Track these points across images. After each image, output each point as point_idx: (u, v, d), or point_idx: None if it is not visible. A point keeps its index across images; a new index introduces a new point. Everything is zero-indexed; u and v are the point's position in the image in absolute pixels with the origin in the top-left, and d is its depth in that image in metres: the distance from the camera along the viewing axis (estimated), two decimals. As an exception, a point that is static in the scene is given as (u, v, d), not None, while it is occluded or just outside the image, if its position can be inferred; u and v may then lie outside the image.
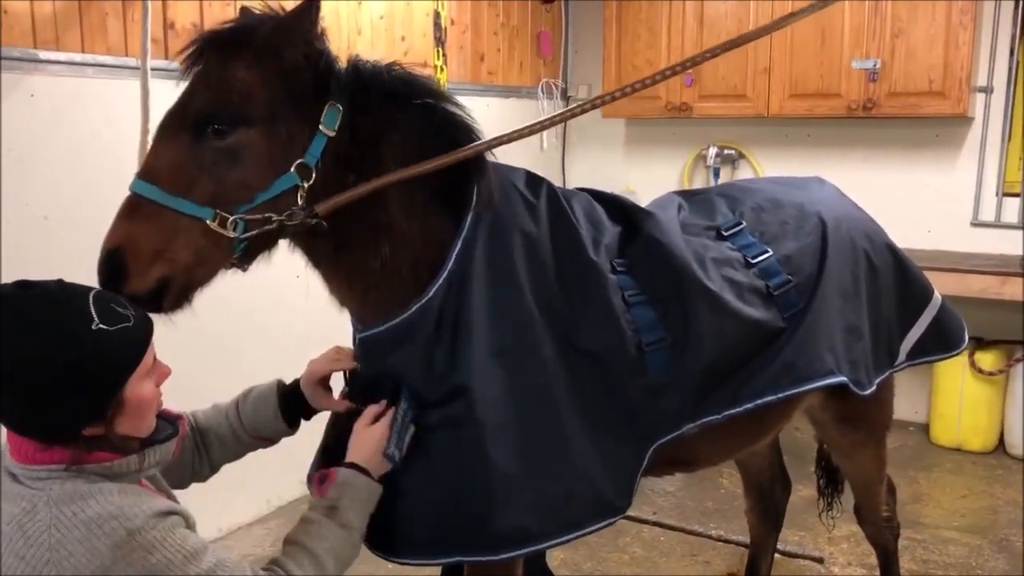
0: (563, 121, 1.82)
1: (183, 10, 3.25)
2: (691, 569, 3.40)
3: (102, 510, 1.40)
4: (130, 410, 1.49)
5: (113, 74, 3.04)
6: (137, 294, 1.55)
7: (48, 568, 1.37)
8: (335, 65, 1.71)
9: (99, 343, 1.42)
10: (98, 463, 1.46)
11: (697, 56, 1.79)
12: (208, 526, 3.56)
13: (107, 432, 1.47)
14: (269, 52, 1.61)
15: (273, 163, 1.62)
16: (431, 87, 1.82)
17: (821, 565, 3.40)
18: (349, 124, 1.68)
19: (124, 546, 1.39)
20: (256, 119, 1.61)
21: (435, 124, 1.78)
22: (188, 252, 1.57)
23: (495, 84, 5.04)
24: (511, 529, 1.74)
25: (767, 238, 2.16)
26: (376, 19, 4.14)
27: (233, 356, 3.58)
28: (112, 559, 1.38)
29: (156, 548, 1.42)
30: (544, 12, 5.43)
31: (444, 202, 1.80)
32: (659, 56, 5.05)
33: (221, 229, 1.57)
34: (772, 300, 2.05)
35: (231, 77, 1.60)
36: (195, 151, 1.58)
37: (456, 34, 4.71)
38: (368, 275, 1.77)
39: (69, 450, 1.44)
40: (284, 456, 3.83)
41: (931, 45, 4.40)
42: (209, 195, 1.58)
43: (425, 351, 1.76)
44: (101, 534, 1.39)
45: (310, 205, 1.65)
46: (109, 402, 1.45)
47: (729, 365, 1.98)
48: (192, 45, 1.64)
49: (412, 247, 1.76)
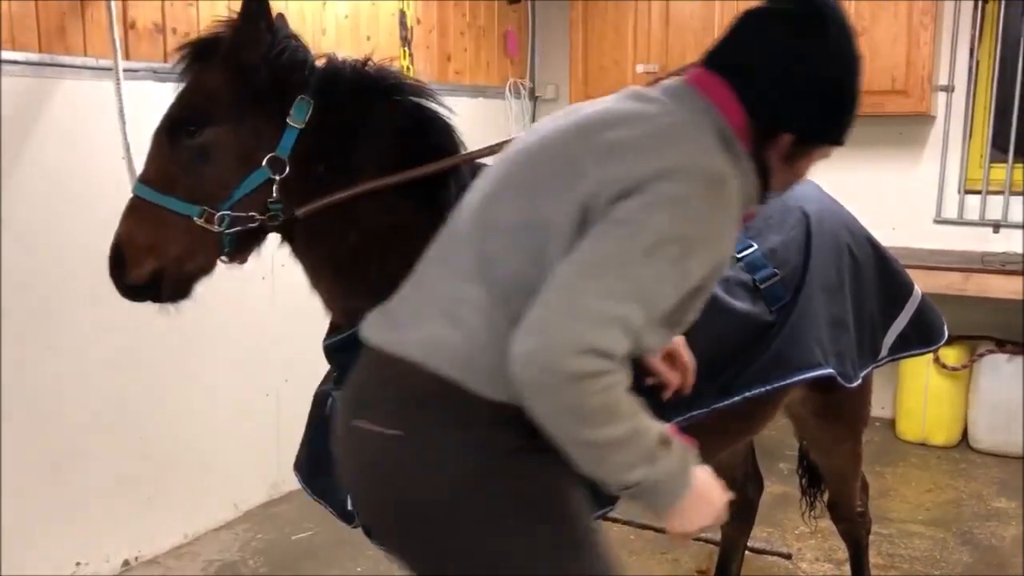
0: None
1: (144, 10, 3.20)
2: (661, 567, 3.40)
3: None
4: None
5: (74, 74, 2.99)
6: (135, 284, 1.72)
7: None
8: (302, 59, 1.76)
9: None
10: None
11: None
12: (173, 531, 3.53)
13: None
14: (231, 55, 1.71)
15: (243, 158, 1.71)
16: (405, 81, 1.85)
17: (789, 561, 3.42)
18: (320, 117, 1.73)
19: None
20: (222, 118, 1.70)
21: (409, 119, 1.80)
22: (177, 245, 1.72)
23: (462, 84, 5.02)
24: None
25: (752, 232, 2.16)
26: (341, 19, 4.11)
27: (204, 355, 3.54)
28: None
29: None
30: (511, 12, 5.42)
31: (418, 200, 1.80)
32: (625, 56, 5.06)
33: (208, 225, 1.69)
34: (759, 293, 2.07)
35: (200, 82, 1.74)
36: (175, 152, 1.71)
37: (422, 34, 4.69)
38: (337, 266, 1.79)
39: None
40: (251, 459, 3.82)
41: (893, 44, 4.45)
42: (191, 192, 1.70)
43: None
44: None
45: (287, 198, 1.72)
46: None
47: (720, 359, 1.99)
48: (179, 58, 1.77)
49: (382, 240, 1.77)
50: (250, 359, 3.77)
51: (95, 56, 3.03)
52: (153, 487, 3.42)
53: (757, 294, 2.06)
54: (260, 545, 3.59)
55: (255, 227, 1.72)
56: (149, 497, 3.41)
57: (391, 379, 1.49)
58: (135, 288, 1.73)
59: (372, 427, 1.47)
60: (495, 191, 1.51)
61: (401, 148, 1.77)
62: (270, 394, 3.87)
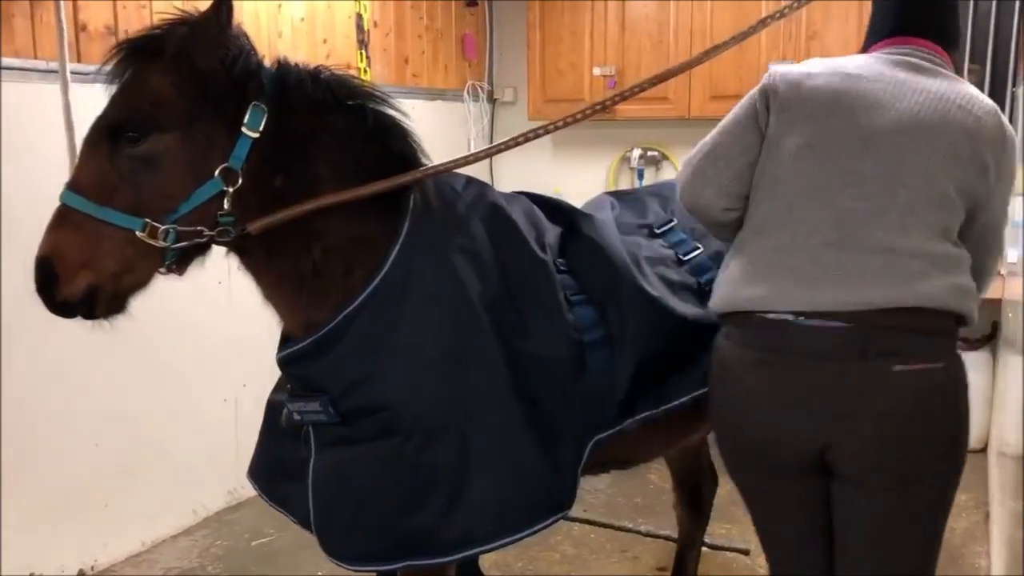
0: (516, 145, 1.83)
1: (96, 11, 3.16)
2: (621, 565, 3.43)
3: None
4: None
5: (22, 77, 2.94)
6: (68, 301, 1.60)
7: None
8: (257, 66, 1.70)
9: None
10: None
11: (664, 73, 1.87)
12: (131, 539, 3.48)
13: None
14: (182, 57, 1.61)
15: (192, 168, 1.62)
16: (362, 88, 1.81)
17: (747, 557, 3.46)
18: (275, 125, 1.67)
19: None
20: (170, 125, 1.61)
21: (367, 127, 1.77)
22: (114, 260, 1.61)
23: (420, 87, 5.02)
24: (458, 532, 1.75)
25: (698, 234, 2.19)
26: (297, 21, 4.09)
27: (161, 361, 3.50)
28: None
29: None
30: (468, 15, 5.43)
31: (380, 208, 1.78)
32: (582, 59, 5.10)
33: (151, 239, 1.59)
34: (704, 296, 2.08)
35: (144, 84, 1.62)
36: (114, 160, 1.60)
37: (379, 36, 4.68)
38: (300, 281, 1.75)
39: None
40: (210, 465, 3.79)
41: (844, 47, 4.53)
42: (132, 203, 1.59)
43: (355, 358, 1.74)
44: None
45: (240, 210, 1.65)
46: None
47: (666, 361, 2.01)
48: (113, 54, 1.64)
49: (345, 252, 1.75)
50: (208, 365, 3.74)
51: (45, 59, 2.98)
52: (109, 494, 3.37)
53: (702, 297, 2.08)
54: (219, 551, 3.55)
55: (203, 242, 1.63)
56: (105, 505, 3.36)
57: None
58: (67, 305, 1.61)
59: (914, 367, 1.63)
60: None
61: (360, 157, 1.74)
62: (228, 399, 3.84)
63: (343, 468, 1.79)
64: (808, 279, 1.67)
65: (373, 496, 1.77)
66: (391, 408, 1.73)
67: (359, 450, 1.77)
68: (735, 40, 1.85)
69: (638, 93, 1.86)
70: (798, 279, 1.68)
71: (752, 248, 1.77)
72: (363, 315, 1.72)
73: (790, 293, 1.68)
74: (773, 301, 1.69)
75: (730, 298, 1.77)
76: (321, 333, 1.73)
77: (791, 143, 1.74)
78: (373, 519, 1.77)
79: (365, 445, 1.76)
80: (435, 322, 1.76)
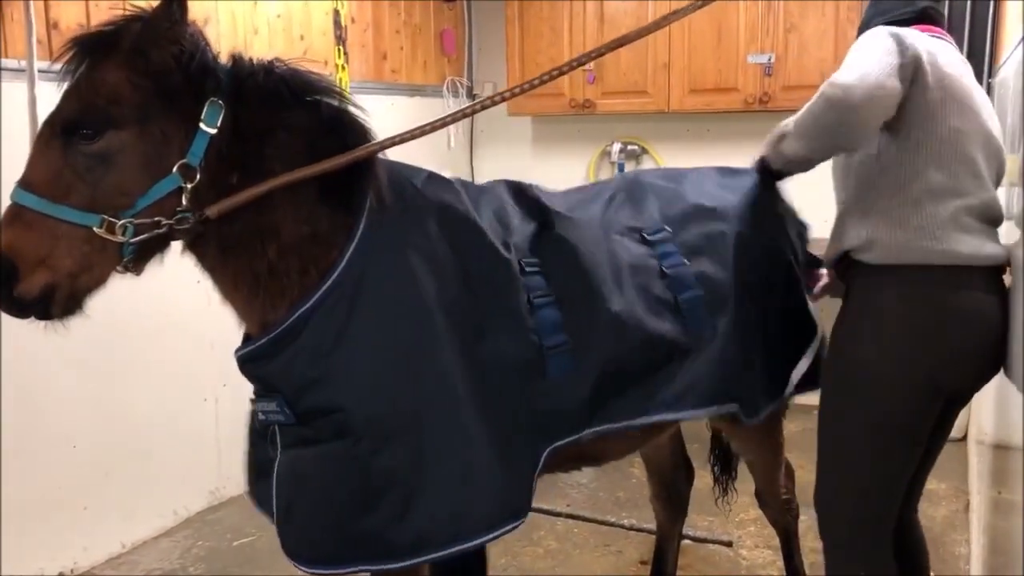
0: (455, 121, 1.81)
1: (67, 10, 3.13)
2: (604, 559, 3.44)
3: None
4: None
5: (-6, 76, 2.91)
6: (23, 301, 1.57)
7: None
8: (213, 61, 1.68)
9: None
10: None
11: (582, 57, 1.84)
12: (110, 540, 3.46)
13: None
14: (137, 53, 1.60)
15: (149, 165, 1.61)
16: (320, 83, 1.79)
17: (730, 548, 3.48)
18: (232, 122, 1.66)
19: None
20: (125, 121, 1.59)
21: (324, 122, 1.75)
22: (71, 259, 1.58)
23: (399, 83, 5.00)
24: (413, 536, 1.73)
25: (688, 250, 2.14)
26: (273, 18, 4.07)
27: (140, 360, 3.48)
28: None
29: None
30: (447, 10, 5.42)
31: (336, 204, 1.76)
32: (561, 54, 5.09)
33: (109, 235, 1.57)
34: (680, 314, 2.06)
35: (98, 80, 1.60)
36: (68, 157, 1.58)
37: (357, 32, 4.66)
38: (255, 279, 1.73)
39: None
40: (190, 465, 3.77)
41: (822, 40, 4.57)
42: (88, 201, 1.57)
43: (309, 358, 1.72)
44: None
45: (198, 207, 1.64)
46: None
47: (630, 375, 1.98)
48: (66, 50, 1.62)
49: (300, 251, 1.73)
50: (187, 364, 3.72)
51: (16, 58, 2.95)
52: (88, 496, 3.35)
53: (678, 315, 2.06)
54: (201, 552, 3.54)
55: (163, 232, 1.62)
56: (84, 507, 3.34)
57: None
58: (21, 304, 1.57)
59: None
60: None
61: (317, 153, 1.72)
62: (208, 399, 3.82)
63: (301, 468, 1.78)
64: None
65: (326, 497, 1.75)
66: (344, 409, 1.71)
67: (317, 451, 1.75)
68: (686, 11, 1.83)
69: (576, 67, 1.84)
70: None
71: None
72: (317, 315, 1.70)
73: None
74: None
75: (977, 251, 1.98)
76: (276, 332, 1.71)
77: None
78: (327, 520, 1.75)
79: (322, 446, 1.75)
80: (389, 323, 1.74)
